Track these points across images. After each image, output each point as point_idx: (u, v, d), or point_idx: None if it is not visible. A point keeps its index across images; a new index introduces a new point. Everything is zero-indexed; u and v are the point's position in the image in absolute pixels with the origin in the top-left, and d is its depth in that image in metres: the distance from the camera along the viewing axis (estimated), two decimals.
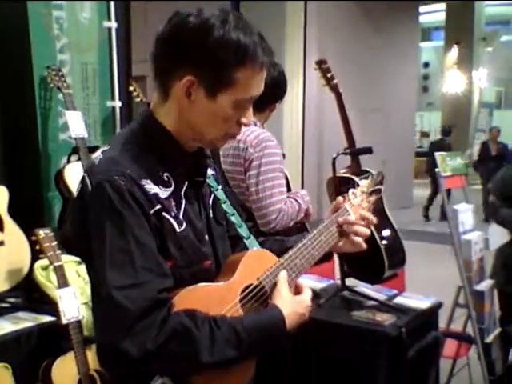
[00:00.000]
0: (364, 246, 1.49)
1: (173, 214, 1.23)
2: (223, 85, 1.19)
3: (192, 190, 1.31)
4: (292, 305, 1.29)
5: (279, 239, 1.56)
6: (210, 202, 1.39)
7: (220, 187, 1.44)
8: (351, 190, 1.58)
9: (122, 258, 1.12)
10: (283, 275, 1.32)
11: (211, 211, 1.38)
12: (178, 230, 1.23)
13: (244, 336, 1.17)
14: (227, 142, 1.34)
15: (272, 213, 2.32)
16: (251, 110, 1.29)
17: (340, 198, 1.55)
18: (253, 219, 2.31)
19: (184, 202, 1.27)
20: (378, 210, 2.62)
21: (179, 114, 1.24)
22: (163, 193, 1.22)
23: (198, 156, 1.33)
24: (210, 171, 1.40)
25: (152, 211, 1.18)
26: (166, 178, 1.24)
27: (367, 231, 1.49)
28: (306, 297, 1.34)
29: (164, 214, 1.21)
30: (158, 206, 1.19)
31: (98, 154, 1.23)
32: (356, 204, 1.55)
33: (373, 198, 1.60)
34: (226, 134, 1.28)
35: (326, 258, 1.53)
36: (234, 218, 1.44)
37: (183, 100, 1.21)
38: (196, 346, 1.12)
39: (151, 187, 1.19)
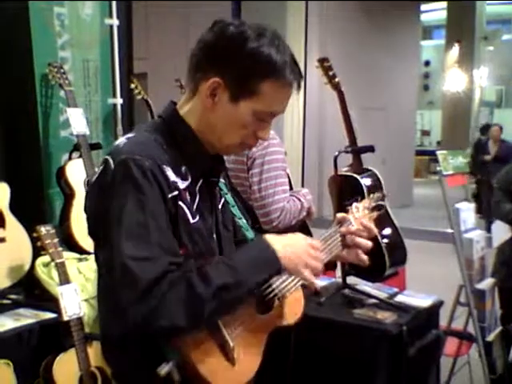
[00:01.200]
0: (367, 262, 1.50)
1: (188, 204, 1.25)
2: (247, 92, 1.23)
3: (205, 188, 1.33)
4: (280, 237, 1.30)
5: None
6: (220, 205, 1.41)
7: (229, 193, 1.47)
8: (354, 204, 1.61)
9: (139, 231, 1.15)
10: None
11: (220, 215, 1.40)
12: (191, 220, 1.25)
13: (235, 264, 1.20)
14: (242, 151, 1.37)
15: (275, 211, 2.31)
16: (271, 126, 1.30)
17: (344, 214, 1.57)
18: (255, 218, 2.31)
19: (198, 196, 1.29)
20: None
21: (202, 113, 1.28)
22: (181, 184, 1.25)
23: (216, 159, 1.36)
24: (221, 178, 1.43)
25: (170, 195, 1.21)
26: (184, 171, 1.27)
27: (369, 244, 1.49)
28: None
29: (180, 202, 1.23)
30: (176, 192, 1.22)
31: (122, 140, 1.26)
32: (358, 217, 1.56)
33: (374, 214, 1.61)
34: (242, 142, 1.31)
35: (330, 267, 1.55)
36: (242, 222, 1.47)
37: (207, 100, 1.25)
38: (191, 282, 1.14)
39: (171, 174, 1.22)
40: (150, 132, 1.29)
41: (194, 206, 1.27)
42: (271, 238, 1.26)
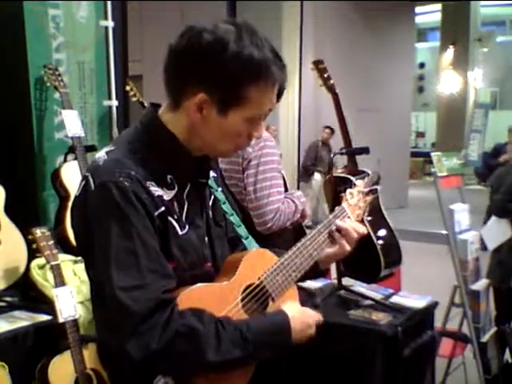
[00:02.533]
0: (348, 248, 1.49)
1: (175, 216, 1.23)
2: (235, 102, 1.19)
3: (194, 191, 1.31)
4: (298, 311, 1.33)
5: (272, 250, 1.54)
6: (210, 203, 1.39)
7: (220, 189, 1.44)
8: (348, 190, 1.59)
9: (127, 259, 1.13)
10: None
11: (211, 212, 1.38)
12: (179, 232, 1.23)
13: (249, 337, 1.19)
14: (236, 152, 1.35)
15: (269, 212, 2.31)
16: (263, 124, 1.29)
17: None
18: (249, 220, 2.31)
19: (186, 204, 1.27)
20: (375, 209, 2.63)
21: (190, 127, 1.24)
22: (167, 195, 1.22)
23: (202, 159, 1.32)
24: (211, 173, 1.39)
25: (157, 213, 1.18)
26: (169, 181, 1.24)
27: (354, 236, 1.49)
28: (313, 312, 1.39)
29: (168, 217, 1.21)
30: (163, 209, 1.20)
31: (101, 155, 1.22)
32: (353, 204, 1.56)
33: (369, 198, 1.61)
34: (237, 146, 1.29)
35: (322, 273, 1.55)
36: (233, 219, 1.45)
37: (195, 115, 1.21)
38: (202, 345, 1.14)
39: (156, 189, 1.20)
40: (131, 143, 1.24)
41: (184, 215, 1.25)
42: (291, 315, 1.30)
